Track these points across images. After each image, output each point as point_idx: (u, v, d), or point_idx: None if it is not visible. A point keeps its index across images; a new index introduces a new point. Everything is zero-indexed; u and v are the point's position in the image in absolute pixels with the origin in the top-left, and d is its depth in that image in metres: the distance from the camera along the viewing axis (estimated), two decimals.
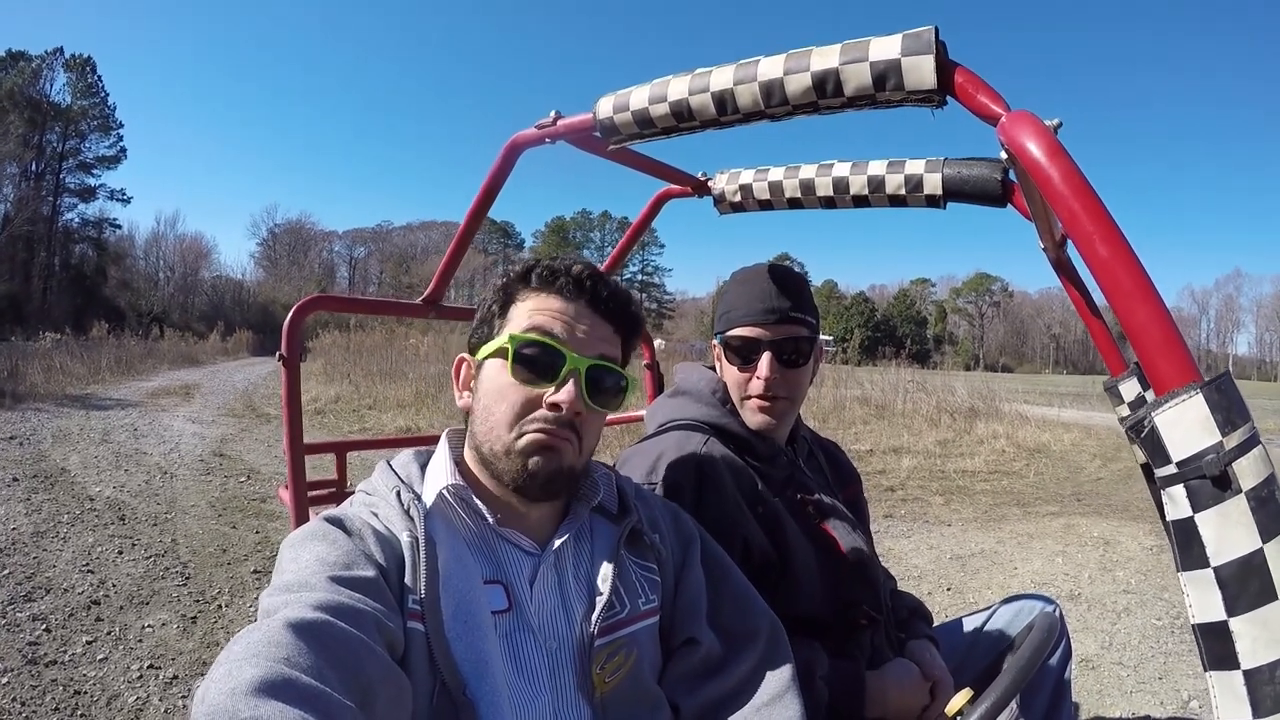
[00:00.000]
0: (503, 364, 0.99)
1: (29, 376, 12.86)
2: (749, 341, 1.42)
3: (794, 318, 1.40)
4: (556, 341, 0.99)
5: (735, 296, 1.45)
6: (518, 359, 0.97)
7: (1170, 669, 3.31)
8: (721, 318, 1.48)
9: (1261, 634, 0.59)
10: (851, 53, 0.86)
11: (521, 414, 0.98)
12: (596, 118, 1.18)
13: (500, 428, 0.98)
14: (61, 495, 5.67)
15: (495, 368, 1.00)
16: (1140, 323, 0.63)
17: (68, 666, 3.02)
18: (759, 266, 1.47)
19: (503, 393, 0.98)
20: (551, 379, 0.97)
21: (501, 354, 0.99)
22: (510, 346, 0.97)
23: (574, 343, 1.00)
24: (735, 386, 1.46)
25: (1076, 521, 6.10)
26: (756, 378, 1.41)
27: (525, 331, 0.99)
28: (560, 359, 0.98)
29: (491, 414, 0.99)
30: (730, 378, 1.47)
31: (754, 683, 1.04)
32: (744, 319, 1.42)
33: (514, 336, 0.98)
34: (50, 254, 49.35)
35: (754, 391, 1.42)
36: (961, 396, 13.50)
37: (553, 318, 1.01)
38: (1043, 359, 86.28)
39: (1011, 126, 0.69)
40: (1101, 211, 0.64)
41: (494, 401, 0.99)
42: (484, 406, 1.01)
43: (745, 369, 1.43)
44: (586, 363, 1.00)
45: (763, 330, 1.40)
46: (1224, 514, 0.60)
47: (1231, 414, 0.60)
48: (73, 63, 50.40)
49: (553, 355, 0.98)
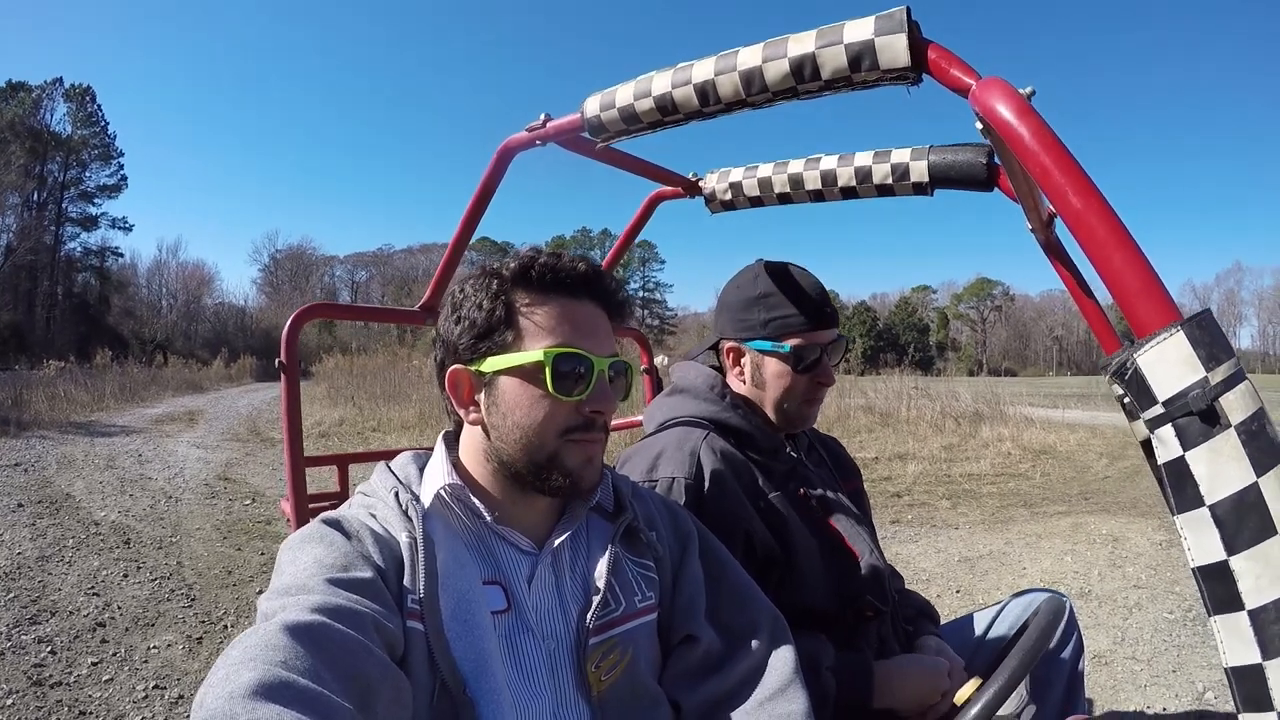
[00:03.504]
0: (531, 380, 0.96)
1: (33, 404, 12.90)
2: (820, 347, 1.43)
3: (837, 318, 1.46)
4: (585, 350, 0.98)
5: (789, 302, 1.43)
6: (557, 375, 0.95)
7: (1184, 662, 3.28)
8: (771, 324, 1.42)
9: (1264, 571, 0.58)
10: (827, 37, 0.88)
11: (566, 427, 0.97)
12: (584, 117, 1.19)
13: (541, 440, 0.97)
14: (66, 520, 5.66)
15: (519, 385, 0.97)
16: (1117, 268, 0.63)
17: (73, 688, 3.01)
18: (781, 266, 1.47)
19: (538, 409, 0.96)
20: (585, 387, 0.97)
21: (532, 370, 0.96)
22: (547, 363, 0.95)
23: (596, 345, 1.00)
24: (789, 390, 1.44)
25: (1084, 520, 6.06)
26: (821, 383, 1.44)
27: (557, 345, 0.96)
28: (591, 366, 0.98)
29: (527, 429, 0.97)
30: (784, 383, 1.44)
31: (756, 677, 1.03)
32: (809, 325, 1.41)
33: (548, 352, 0.95)
34: (53, 283, 49.58)
35: (816, 396, 1.46)
36: (965, 401, 13.50)
37: (575, 325, 0.99)
38: (1046, 361, 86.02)
39: (982, 93, 0.70)
40: (1072, 163, 0.64)
41: (526, 417, 0.97)
42: (514, 423, 0.97)
43: (808, 373, 1.43)
44: (607, 362, 1.00)
45: (826, 334, 1.43)
46: (1215, 450, 0.60)
47: (1214, 349, 0.60)
48: (72, 92, 50.83)
49: (586, 365, 0.97)
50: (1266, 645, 0.58)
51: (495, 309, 0.98)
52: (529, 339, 0.97)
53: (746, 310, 1.45)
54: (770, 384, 1.45)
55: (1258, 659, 0.59)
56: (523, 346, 0.97)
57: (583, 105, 1.20)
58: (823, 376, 1.45)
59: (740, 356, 1.48)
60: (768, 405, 1.47)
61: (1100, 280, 0.66)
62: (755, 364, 1.46)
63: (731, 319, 1.48)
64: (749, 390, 1.48)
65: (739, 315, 1.46)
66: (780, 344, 1.41)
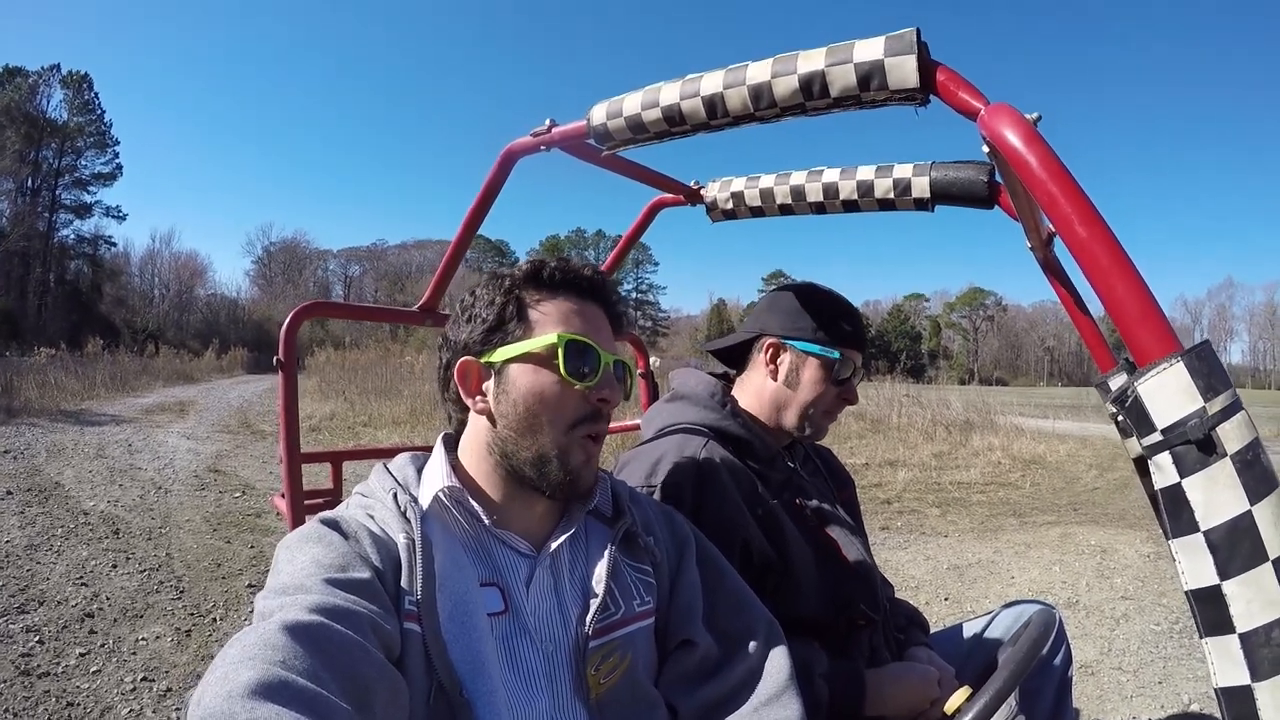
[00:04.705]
0: (543, 365, 0.99)
1: (24, 392, 12.82)
2: (855, 365, 1.50)
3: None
4: (594, 341, 1.01)
5: (839, 316, 1.49)
6: (569, 359, 0.98)
7: (1170, 673, 3.31)
8: (823, 331, 1.47)
9: (1256, 596, 0.60)
10: (836, 55, 0.88)
11: (574, 417, 0.99)
12: (590, 124, 1.20)
13: (548, 428, 0.99)
14: (55, 509, 5.64)
15: (530, 371, 0.99)
16: (1119, 297, 0.64)
17: (61, 678, 3.00)
18: (828, 288, 1.55)
19: (548, 393, 0.98)
20: (593, 378, 1.00)
21: (544, 356, 0.99)
22: (560, 345, 0.98)
23: (603, 342, 1.03)
24: (820, 398, 1.48)
25: (1073, 530, 6.10)
26: (846, 399, 1.51)
27: (570, 333, 0.99)
28: (599, 357, 1.01)
29: (536, 415, 0.99)
30: (818, 389, 1.47)
31: (752, 683, 1.04)
32: (853, 344, 1.49)
33: (562, 336, 0.98)
34: (46, 270, 49.26)
35: (836, 409, 1.52)
36: (956, 410, 13.56)
37: (585, 320, 1.03)
38: (1037, 372, 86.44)
39: (990, 118, 0.71)
40: (1078, 192, 0.65)
41: (537, 403, 0.98)
42: (524, 409, 0.99)
43: (840, 386, 1.49)
44: (612, 358, 1.03)
45: (860, 356, 1.52)
46: (1211, 478, 0.61)
47: (1213, 380, 0.61)
48: (69, 79, 50.55)
49: (595, 355, 1.01)
50: (1256, 667, 0.59)
51: (507, 304, 1.02)
52: (539, 329, 1.00)
53: (800, 314, 1.49)
54: (804, 386, 1.47)
55: (1247, 680, 0.60)
56: (533, 335, 1.00)
57: (589, 113, 1.20)
58: (849, 394, 1.51)
59: (779, 354, 1.50)
60: (792, 407, 1.48)
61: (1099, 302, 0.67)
62: (795, 364, 1.48)
63: (781, 319, 1.51)
64: (776, 389, 1.50)
65: (791, 317, 1.50)
66: (829, 350, 1.46)
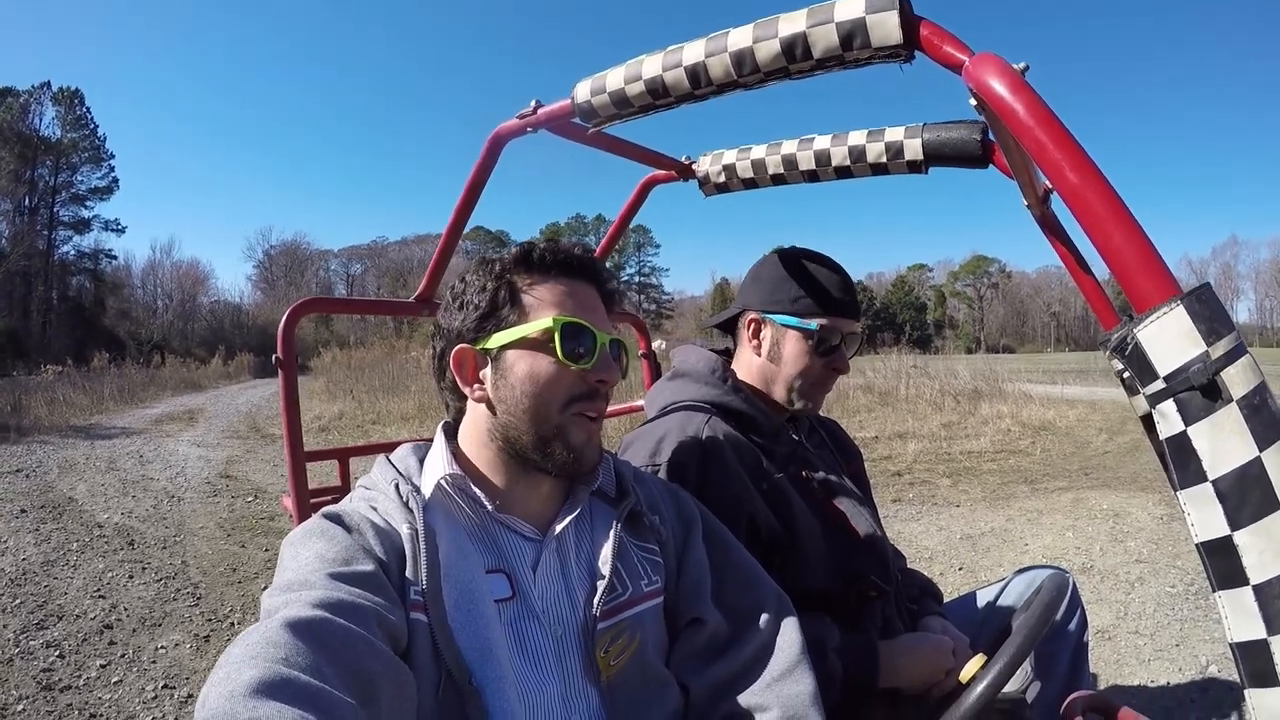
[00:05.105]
0: (540, 349, 0.99)
1: (32, 410, 12.90)
2: (842, 334, 1.45)
3: (859, 312, 1.49)
4: (589, 322, 1.01)
5: (822, 282, 1.45)
6: (565, 341, 0.98)
7: (1187, 635, 3.30)
8: (801, 301, 1.44)
9: (1268, 545, 0.58)
10: (817, 15, 0.86)
11: (571, 396, 0.99)
12: (575, 102, 1.18)
13: (548, 409, 0.99)
14: (70, 524, 5.67)
15: (527, 354, 0.99)
16: (1117, 245, 0.62)
17: (82, 691, 3.02)
18: (817, 254, 1.50)
19: (546, 377, 0.98)
20: (589, 359, 1.00)
21: (540, 340, 0.99)
22: (556, 329, 0.98)
23: (597, 321, 1.03)
24: (805, 371, 1.45)
25: (1085, 495, 6.08)
26: (835, 369, 1.47)
27: (564, 315, 0.99)
28: (594, 338, 1.00)
29: (535, 398, 0.98)
30: (802, 362, 1.45)
31: (764, 659, 1.04)
32: (835, 311, 1.44)
33: (558, 319, 0.98)
34: (48, 287, 49.36)
35: (827, 381, 1.48)
36: (964, 379, 13.51)
37: (578, 301, 1.03)
38: (1044, 338, 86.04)
39: (976, 68, 0.69)
40: (1068, 138, 0.63)
41: (535, 387, 0.98)
42: (522, 392, 0.99)
43: (826, 356, 1.45)
44: (608, 337, 1.02)
45: (852, 323, 1.46)
46: (1217, 424, 0.59)
47: (1215, 324, 0.59)
48: (61, 95, 50.34)
49: (590, 336, 1.00)
50: (1271, 620, 0.58)
51: (499, 289, 1.01)
52: (534, 312, 1.00)
53: (779, 286, 1.46)
54: (787, 360, 1.46)
55: (1263, 634, 0.58)
56: (528, 319, 1.00)
57: (573, 90, 1.19)
58: (838, 363, 1.47)
59: (761, 329, 1.48)
60: (779, 382, 1.47)
61: (1098, 255, 0.65)
62: (776, 338, 1.47)
63: (761, 292, 1.49)
64: (762, 365, 1.48)
65: (770, 289, 1.47)
66: (807, 321, 1.43)
